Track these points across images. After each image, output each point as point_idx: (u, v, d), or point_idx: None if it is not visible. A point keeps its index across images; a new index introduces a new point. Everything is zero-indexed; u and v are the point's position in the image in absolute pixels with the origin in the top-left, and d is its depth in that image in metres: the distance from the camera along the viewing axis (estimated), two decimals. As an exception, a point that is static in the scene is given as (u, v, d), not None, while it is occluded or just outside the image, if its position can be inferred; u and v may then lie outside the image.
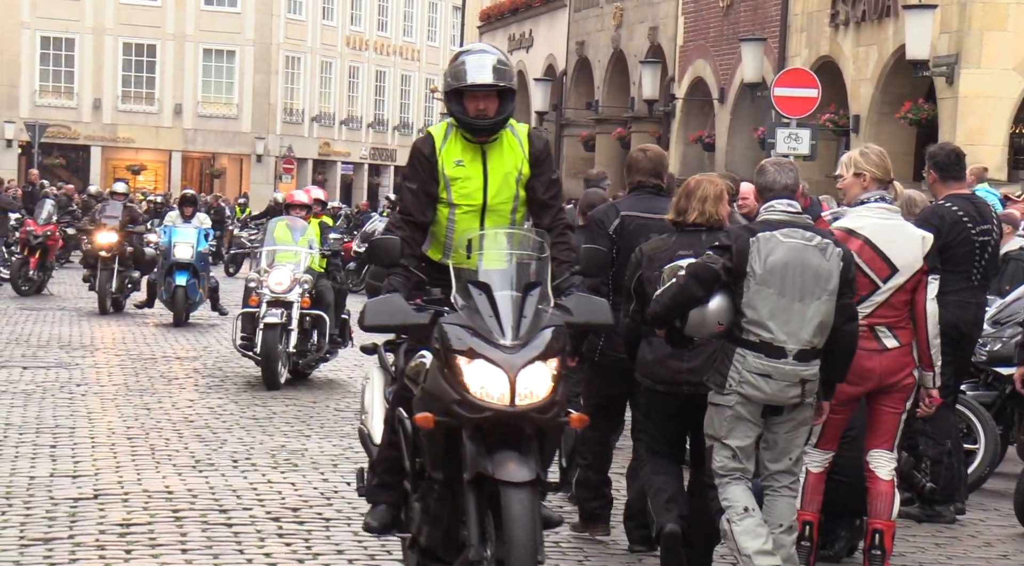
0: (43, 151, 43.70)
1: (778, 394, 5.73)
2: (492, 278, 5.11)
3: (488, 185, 5.79)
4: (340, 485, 8.02)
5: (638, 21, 27.52)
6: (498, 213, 5.80)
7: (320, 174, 55.53)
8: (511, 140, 5.87)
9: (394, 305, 5.31)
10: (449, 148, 5.82)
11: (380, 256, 5.59)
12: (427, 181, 5.78)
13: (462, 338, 4.99)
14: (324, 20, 55.30)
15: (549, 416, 4.96)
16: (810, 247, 5.73)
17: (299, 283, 12.11)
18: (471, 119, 5.71)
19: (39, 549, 6.33)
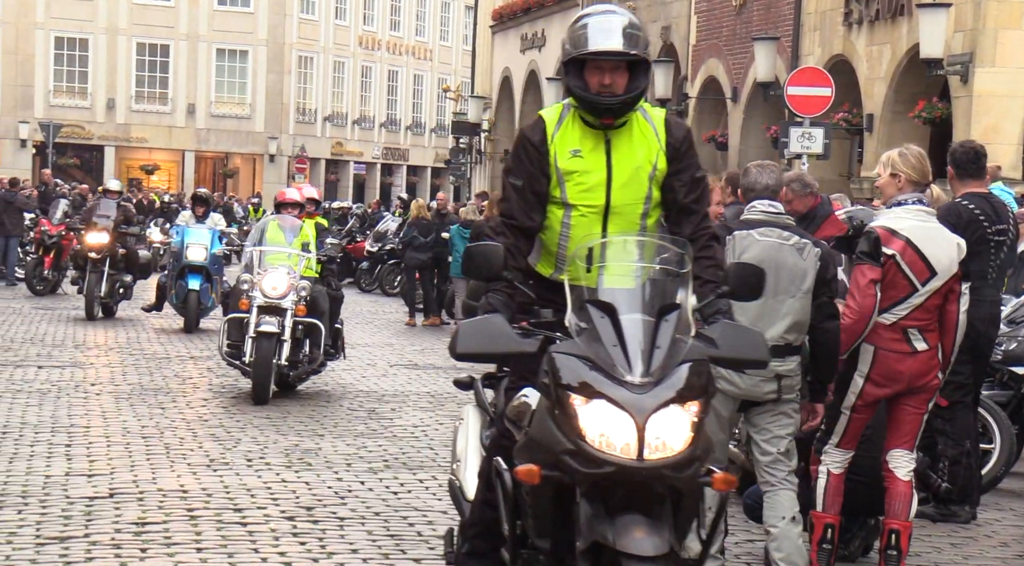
0: (57, 151, 43.83)
1: (753, 389, 5.83)
2: (617, 297, 4.15)
3: (612, 181, 4.68)
4: (354, 484, 8.03)
5: (651, 20, 27.49)
6: (624, 217, 4.70)
7: (333, 174, 55.61)
8: (643, 126, 4.75)
9: (494, 328, 4.30)
10: (564, 135, 4.73)
11: (478, 266, 4.51)
12: (535, 176, 4.70)
13: (578, 372, 4.02)
14: (337, 20, 55.36)
15: (686, 474, 3.99)
16: (786, 246, 5.88)
17: (295, 289, 11.16)
18: (593, 96, 4.60)
19: (55, 548, 6.34)
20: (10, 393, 11.02)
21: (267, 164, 52.72)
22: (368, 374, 13.45)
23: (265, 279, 11.11)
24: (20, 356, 13.46)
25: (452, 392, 12.43)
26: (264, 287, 11.09)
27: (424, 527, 7.07)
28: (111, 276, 17.23)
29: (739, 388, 5.81)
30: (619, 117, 4.66)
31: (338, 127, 55.68)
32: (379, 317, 20.67)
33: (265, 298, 11.09)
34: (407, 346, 16.52)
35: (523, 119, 34.96)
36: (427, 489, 8.04)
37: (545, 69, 32.85)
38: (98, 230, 17.27)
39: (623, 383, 3.99)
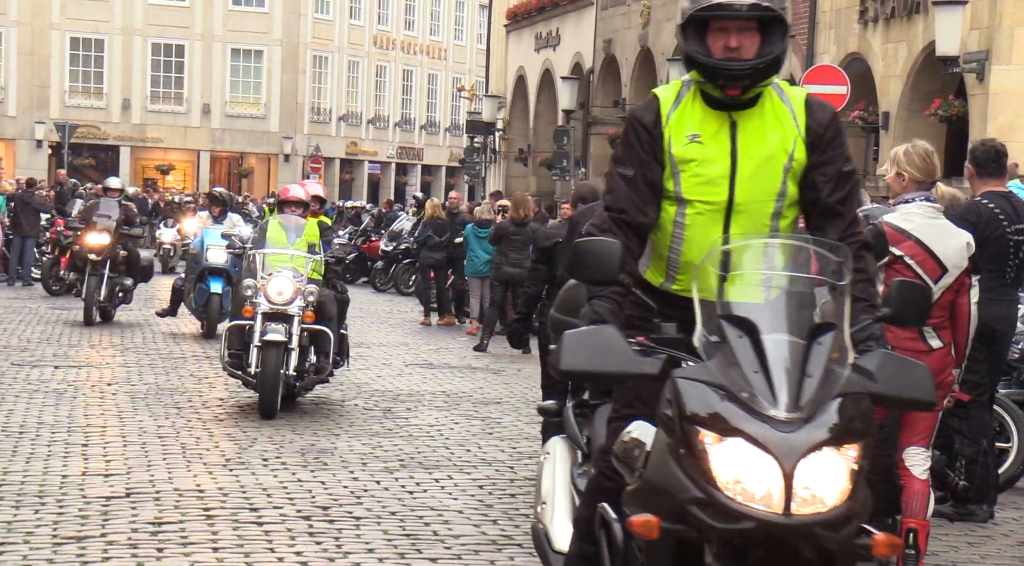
0: (73, 151, 43.96)
1: None
2: (759, 314, 3.46)
3: (737, 173, 3.91)
4: (370, 484, 8.04)
5: (665, 19, 27.45)
6: (751, 216, 3.93)
7: (347, 173, 55.68)
8: (778, 107, 3.97)
9: (608, 342, 3.55)
10: (682, 116, 3.97)
11: (588, 267, 3.72)
12: (648, 164, 3.95)
13: (709, 402, 3.35)
14: (351, 19, 55.42)
15: (842, 534, 3.28)
16: None
17: (302, 294, 10.40)
18: (717, 62, 3.84)
19: (72, 547, 6.36)
20: (27, 393, 11.05)
21: (282, 164, 52.80)
22: (383, 373, 13.46)
23: (270, 284, 10.34)
24: (37, 356, 13.50)
25: (467, 391, 12.42)
26: (269, 292, 10.31)
27: (440, 527, 7.07)
28: (111, 279, 16.35)
29: None
30: (748, 89, 3.86)
31: (352, 127, 55.74)
32: (394, 316, 20.68)
33: (270, 304, 10.29)
34: (422, 345, 16.53)
35: (537, 118, 34.97)
36: (443, 488, 8.04)
37: (560, 68, 32.84)
38: (98, 230, 16.33)
39: (766, 418, 3.29)
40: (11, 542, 6.39)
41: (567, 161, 28.86)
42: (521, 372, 14.16)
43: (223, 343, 10.64)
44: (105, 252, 16.23)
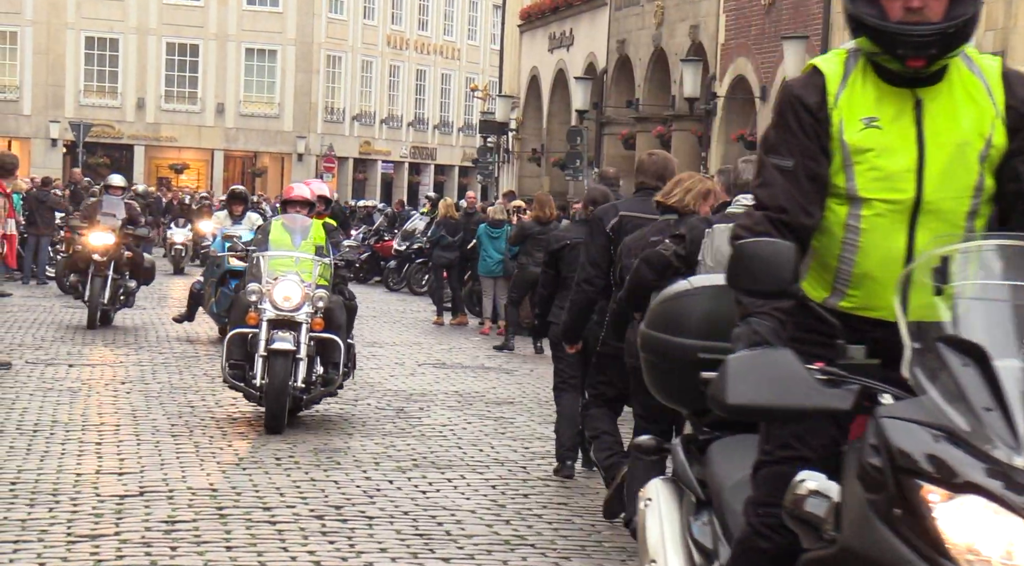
0: (87, 150, 44.09)
1: None
2: (987, 335, 2.81)
3: (927, 165, 3.22)
4: (383, 483, 8.04)
5: (679, 19, 27.43)
6: (942, 217, 3.25)
7: (360, 173, 55.73)
8: (969, 82, 3.28)
9: (787, 371, 2.85)
10: (853, 95, 3.29)
11: (755, 274, 3.07)
12: (812, 154, 3.28)
13: (932, 449, 2.70)
14: (365, 19, 55.48)
15: None
16: None
17: (311, 300, 9.65)
18: (896, 26, 3.15)
19: (86, 545, 6.38)
20: (41, 391, 11.08)
21: (295, 163, 52.87)
22: (396, 373, 13.48)
23: (277, 288, 9.61)
24: (51, 354, 13.54)
25: (480, 391, 12.43)
26: (276, 298, 9.58)
27: (453, 526, 7.07)
28: (114, 281, 15.61)
29: None
30: (934, 60, 3.17)
31: (366, 126, 55.80)
32: (407, 316, 20.70)
33: (277, 311, 9.56)
34: (435, 345, 16.53)
35: (551, 118, 34.97)
36: (455, 488, 8.04)
37: (573, 68, 32.83)
38: (103, 230, 15.56)
39: (1007, 468, 2.63)
40: (25, 540, 6.41)
41: (580, 161, 28.85)
42: (534, 372, 14.16)
43: (223, 353, 9.85)
44: (110, 253, 15.50)
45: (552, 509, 7.66)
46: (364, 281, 27.48)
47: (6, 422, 9.56)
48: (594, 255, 7.33)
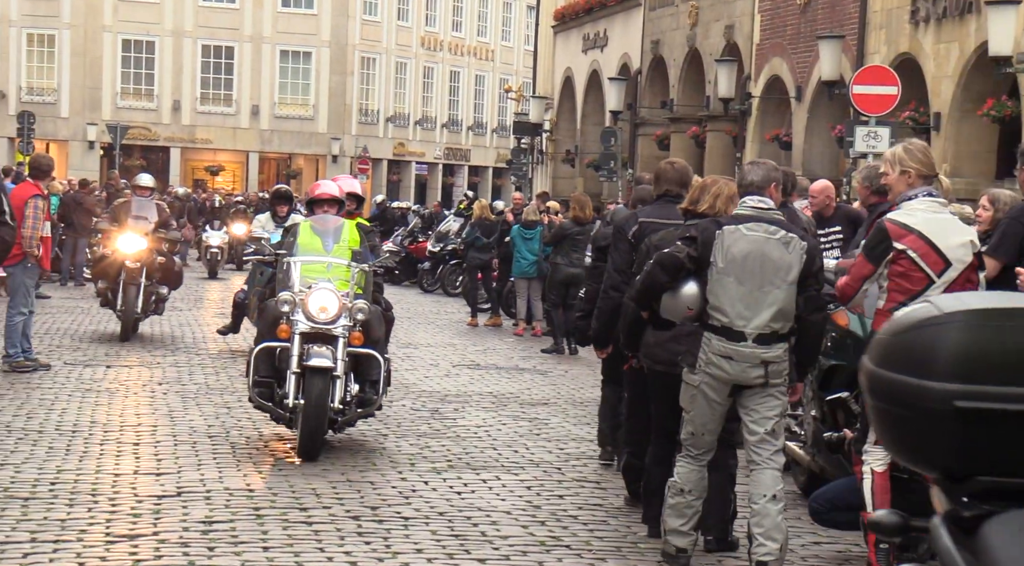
0: (124, 152, 44.36)
1: (740, 375, 6.14)
2: None
3: None
4: (418, 484, 8.06)
5: (714, 19, 27.36)
6: None
7: (394, 174, 55.86)
8: None
9: None
10: None
11: None
12: None
13: None
14: (399, 21, 55.60)
15: None
16: (772, 240, 6.17)
17: (348, 311, 8.69)
18: None
19: (124, 546, 6.42)
20: (80, 392, 11.16)
21: (330, 165, 53.04)
22: (431, 374, 13.50)
23: (311, 298, 8.63)
24: (89, 356, 13.64)
25: (514, 392, 12.43)
26: (311, 309, 8.62)
27: (488, 527, 7.08)
28: (146, 288, 14.61)
29: (728, 373, 6.13)
30: None
31: (400, 128, 55.92)
32: (441, 317, 20.73)
33: (312, 323, 8.60)
34: (469, 346, 16.55)
35: (585, 119, 34.95)
36: (490, 489, 8.05)
37: (607, 69, 32.79)
38: (137, 233, 14.55)
39: None
40: (65, 540, 6.46)
41: (614, 162, 28.81)
42: (568, 373, 14.15)
43: (249, 369, 8.87)
44: (142, 259, 14.49)
45: (587, 510, 7.65)
46: (398, 282, 27.55)
47: (45, 423, 9.64)
48: (618, 262, 7.51)
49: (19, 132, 36.11)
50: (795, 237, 6.21)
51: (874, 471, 6.04)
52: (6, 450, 8.56)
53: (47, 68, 50.73)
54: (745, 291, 6.13)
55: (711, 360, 6.15)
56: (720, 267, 6.15)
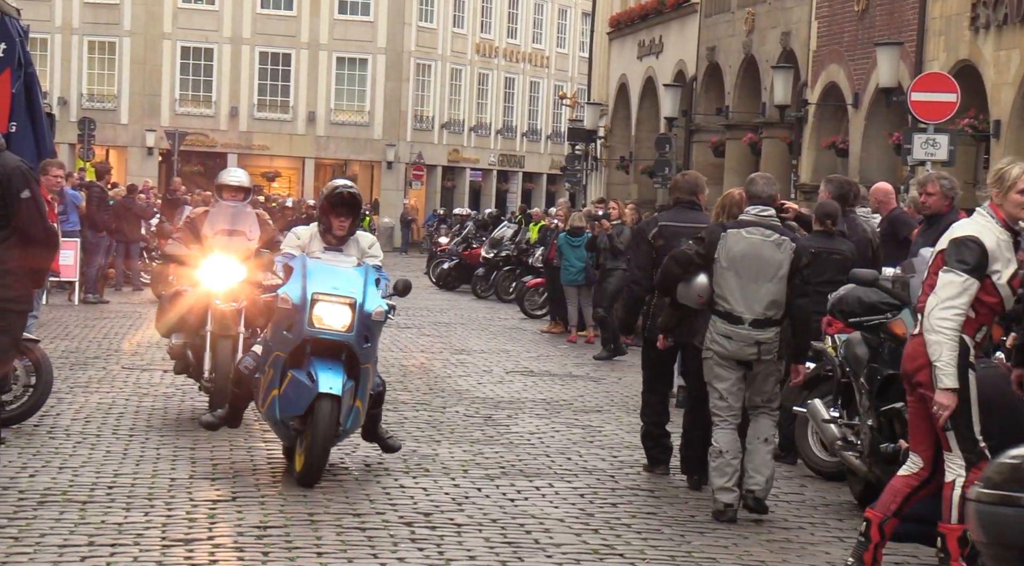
0: (182, 159, 44.78)
1: (738, 352, 7.62)
2: None
3: None
4: (471, 491, 8.07)
5: (770, 26, 27.22)
6: None
7: (449, 181, 56.00)
8: None
9: None
10: None
11: None
12: None
13: None
14: (455, 28, 55.75)
15: None
16: (767, 242, 7.66)
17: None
18: None
19: (180, 550, 6.48)
20: (136, 396, 11.27)
21: (384, 171, 53.27)
22: (484, 381, 13.51)
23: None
24: (146, 360, 13.76)
25: (568, 399, 12.42)
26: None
27: (541, 535, 7.07)
28: (248, 341, 9.51)
29: (728, 350, 7.62)
30: None
31: (455, 134, 56.05)
32: (494, 323, 20.74)
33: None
34: (522, 353, 16.55)
35: (639, 126, 34.88)
36: (544, 497, 8.05)
37: (662, 75, 32.71)
38: (229, 256, 9.79)
39: None
40: (122, 543, 6.52)
41: (669, 169, 28.72)
42: (622, 380, 14.12)
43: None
44: (242, 297, 9.68)
45: (641, 519, 7.63)
46: (452, 288, 27.60)
47: (103, 427, 9.74)
48: (640, 260, 8.89)
49: (80, 138, 36.54)
50: (786, 239, 7.72)
51: (964, 486, 5.99)
52: (64, 454, 8.66)
53: (107, 75, 51.31)
54: (743, 283, 7.61)
55: (715, 338, 7.64)
56: (723, 264, 7.64)
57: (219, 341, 9.77)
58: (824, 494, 8.59)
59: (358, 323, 7.83)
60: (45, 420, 9.77)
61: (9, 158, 7.33)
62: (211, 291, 9.88)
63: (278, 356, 7.97)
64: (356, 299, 7.85)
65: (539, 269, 21.35)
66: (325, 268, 8.02)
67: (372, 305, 7.85)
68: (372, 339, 7.94)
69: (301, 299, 7.83)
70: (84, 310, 19.26)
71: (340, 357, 7.84)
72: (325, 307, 7.87)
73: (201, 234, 10.00)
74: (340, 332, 7.82)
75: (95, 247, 20.75)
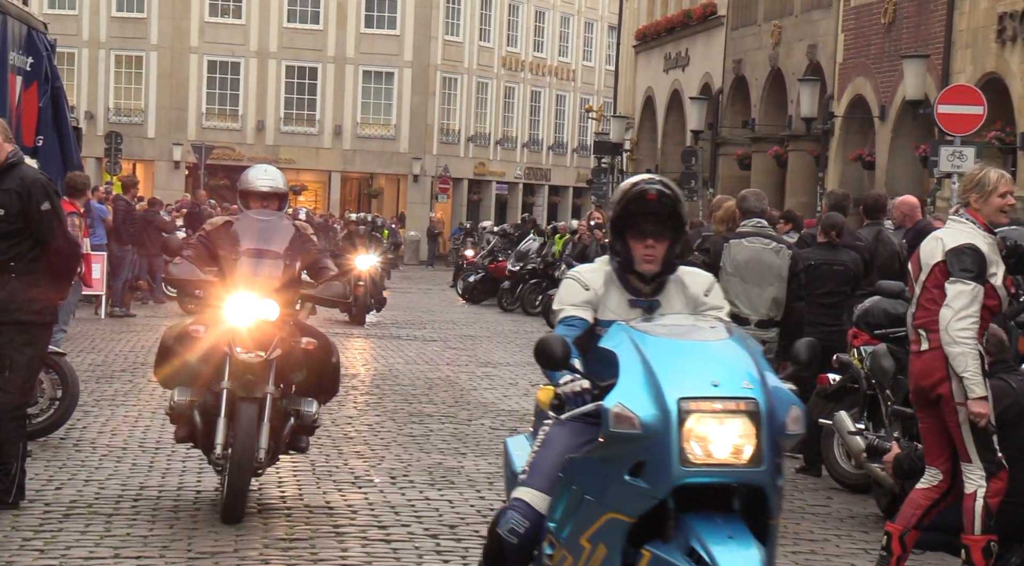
0: (208, 172, 44.98)
1: None
2: None
3: None
4: (496, 503, 8.04)
5: (797, 39, 27.18)
6: None
7: (475, 194, 56.07)
8: None
9: None
10: None
11: None
12: None
13: None
14: (481, 41, 55.87)
15: None
16: (767, 250, 8.42)
17: None
18: None
19: (206, 562, 6.48)
20: (162, 409, 11.28)
21: (411, 184, 53.37)
22: (510, 393, 13.50)
23: None
24: (173, 372, 13.79)
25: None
26: None
27: (566, 548, 7.05)
28: (278, 404, 7.29)
29: None
30: None
31: (481, 147, 56.14)
32: (520, 336, 20.72)
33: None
34: (549, 366, 16.51)
35: (665, 139, 34.87)
36: (569, 510, 8.03)
37: (688, 88, 32.69)
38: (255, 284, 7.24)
39: None
40: (147, 556, 6.53)
41: (695, 182, 28.70)
42: (648, 394, 14.08)
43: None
44: (273, 341, 7.15)
45: (666, 533, 7.60)
46: (478, 301, 27.60)
47: (129, 440, 9.77)
48: None
49: (107, 152, 36.76)
50: (783, 247, 8.56)
51: (985, 496, 5.99)
52: (91, 466, 8.69)
53: (134, 89, 51.62)
54: (748, 288, 8.32)
55: None
56: (729, 271, 8.30)
57: (239, 404, 7.08)
58: (850, 506, 8.55)
59: (767, 444, 4.23)
60: (71, 433, 9.81)
61: (29, 171, 7.38)
62: (231, 333, 7.18)
63: (614, 520, 4.30)
64: (756, 399, 4.25)
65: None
66: (676, 346, 4.41)
67: (783, 406, 4.31)
68: (782, 468, 4.37)
69: (656, 412, 4.23)
70: (111, 323, 19.34)
71: (732, 507, 4.27)
72: (706, 423, 4.22)
73: (218, 253, 7.41)
74: (741, 467, 4.21)
75: (121, 260, 20.86)
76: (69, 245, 7.43)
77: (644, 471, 4.20)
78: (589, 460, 4.45)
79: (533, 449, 4.84)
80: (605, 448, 4.33)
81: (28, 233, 7.21)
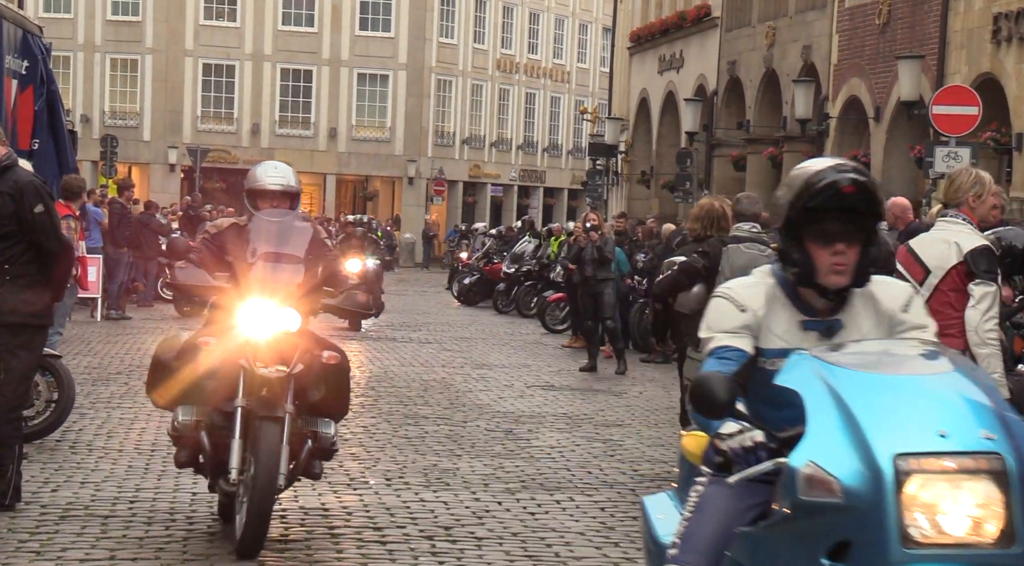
0: (204, 175, 44.97)
1: None
2: None
3: None
4: (491, 504, 8.06)
5: (791, 40, 27.20)
6: None
7: (470, 196, 56.09)
8: None
9: None
10: None
11: None
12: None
13: None
14: (475, 44, 55.91)
15: None
16: (763, 255, 8.00)
17: None
18: None
19: (202, 564, 6.48)
20: (158, 412, 11.25)
21: (406, 187, 53.39)
22: (505, 395, 13.51)
23: None
24: (168, 375, 13.79)
25: (588, 413, 12.41)
26: None
27: (562, 549, 7.06)
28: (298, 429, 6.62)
29: None
30: None
31: (476, 150, 56.17)
32: (515, 338, 20.74)
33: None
34: (543, 367, 16.55)
35: (660, 140, 34.89)
36: (564, 510, 8.04)
37: (683, 90, 32.72)
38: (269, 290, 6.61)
39: None
40: (143, 558, 6.54)
41: (690, 183, 28.72)
42: (643, 395, 14.11)
43: None
44: (292, 355, 6.55)
45: (662, 533, 7.61)
46: (474, 303, 27.62)
47: (124, 442, 9.77)
48: None
49: (102, 155, 36.73)
50: None
51: None
52: (87, 468, 8.69)
53: (130, 92, 51.62)
54: None
55: None
56: (728, 275, 7.91)
57: (260, 424, 6.36)
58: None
59: (1020, 515, 3.21)
60: (67, 435, 9.81)
61: (22, 174, 7.38)
62: (247, 345, 6.51)
63: None
64: (1002, 454, 3.22)
65: (560, 284, 21.39)
66: (884, 383, 3.42)
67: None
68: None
69: (865, 474, 3.22)
70: (106, 326, 19.34)
71: None
72: (935, 488, 3.21)
73: (227, 258, 6.77)
74: (986, 549, 3.20)
75: (117, 263, 20.86)
76: (63, 248, 7.44)
77: (850, 555, 3.13)
78: (770, 538, 3.39)
79: (684, 514, 3.73)
80: (792, 522, 3.28)
81: (22, 236, 7.22)
